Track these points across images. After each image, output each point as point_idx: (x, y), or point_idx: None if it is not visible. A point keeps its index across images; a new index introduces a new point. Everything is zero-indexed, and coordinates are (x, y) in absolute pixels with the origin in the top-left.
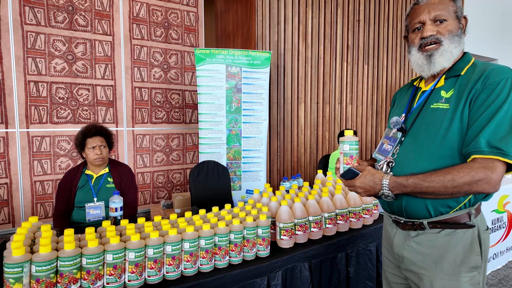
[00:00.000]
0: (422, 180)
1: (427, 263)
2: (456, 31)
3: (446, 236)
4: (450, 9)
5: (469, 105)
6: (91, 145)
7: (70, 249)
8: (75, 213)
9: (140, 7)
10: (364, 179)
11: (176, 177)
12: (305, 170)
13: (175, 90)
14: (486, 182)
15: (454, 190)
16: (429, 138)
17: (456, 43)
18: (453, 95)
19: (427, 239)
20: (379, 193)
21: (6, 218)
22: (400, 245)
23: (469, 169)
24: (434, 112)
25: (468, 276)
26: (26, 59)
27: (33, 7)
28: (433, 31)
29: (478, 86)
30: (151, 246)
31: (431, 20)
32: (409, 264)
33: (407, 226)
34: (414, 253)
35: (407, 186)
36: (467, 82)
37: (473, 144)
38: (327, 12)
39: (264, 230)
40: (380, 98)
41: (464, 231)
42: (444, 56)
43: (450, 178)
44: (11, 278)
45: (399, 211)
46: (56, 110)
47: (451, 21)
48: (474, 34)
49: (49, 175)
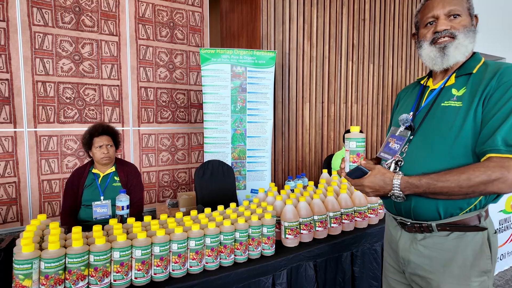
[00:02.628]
0: (436, 180)
1: (435, 267)
2: (470, 27)
3: (455, 239)
4: (464, 5)
5: (483, 104)
6: (98, 144)
7: (78, 246)
8: (82, 211)
9: (146, 8)
10: (373, 179)
11: (181, 177)
12: (310, 170)
13: (181, 90)
14: (503, 182)
15: (469, 190)
16: (441, 136)
17: (471, 38)
18: (465, 93)
19: (435, 242)
20: (388, 193)
21: (14, 216)
22: (406, 249)
23: (485, 168)
24: (445, 110)
25: (478, 281)
26: (34, 60)
27: (41, 8)
28: (447, 25)
29: (493, 84)
30: (157, 244)
31: (445, 15)
32: (415, 268)
33: (414, 228)
34: (421, 257)
35: (419, 187)
36: (480, 80)
37: (489, 143)
38: (332, 11)
39: (269, 229)
40: (386, 97)
41: (474, 233)
42: (459, 49)
43: (466, 177)
44: (21, 274)
45: (407, 213)
46: (63, 110)
47: (465, 17)
48: (482, 33)
49: (56, 174)
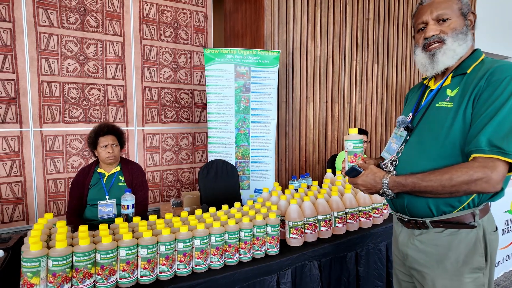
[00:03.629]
0: (421, 179)
1: (430, 262)
2: (460, 29)
3: (449, 236)
4: (453, 6)
5: (473, 103)
6: (103, 143)
7: (85, 244)
8: (88, 210)
9: (150, 8)
10: (366, 178)
11: (185, 176)
12: (314, 170)
13: (184, 90)
14: (486, 181)
15: (452, 190)
16: (432, 137)
17: (460, 41)
18: (457, 94)
19: (430, 238)
20: (380, 191)
21: (20, 215)
22: (404, 243)
23: (467, 168)
24: (438, 111)
25: (471, 277)
26: (40, 60)
27: (46, 8)
28: (435, 30)
29: (482, 84)
30: (162, 243)
31: (434, 20)
32: (412, 262)
33: (411, 224)
34: (418, 252)
35: (406, 186)
36: (472, 80)
37: (473, 143)
38: (336, 11)
39: (274, 228)
40: (390, 97)
41: (467, 231)
42: (447, 54)
43: (448, 177)
44: (29, 272)
45: (402, 209)
46: (68, 110)
47: (455, 19)
48: (486, 31)
49: (62, 174)
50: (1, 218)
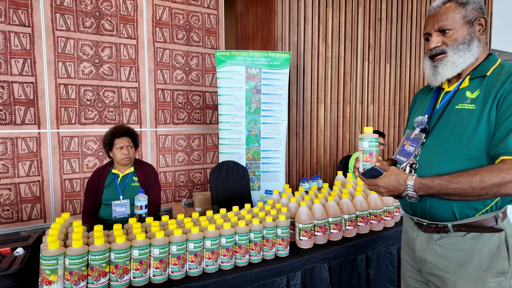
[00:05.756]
0: (449, 181)
1: (451, 267)
2: (462, 39)
3: (471, 240)
4: (456, 16)
5: (497, 106)
6: (119, 145)
7: (100, 244)
8: (102, 210)
9: (163, 11)
10: (388, 179)
11: (196, 177)
12: (325, 171)
13: (196, 92)
14: None
15: (482, 192)
16: (454, 139)
17: (461, 52)
18: (479, 96)
19: (451, 242)
20: (402, 194)
21: (38, 214)
22: (422, 248)
23: (498, 170)
24: (459, 113)
25: (495, 282)
26: (57, 63)
27: (64, 13)
28: (437, 42)
29: (507, 86)
30: (174, 243)
31: (436, 31)
32: (432, 267)
33: (430, 228)
34: (437, 257)
35: (432, 188)
36: (494, 82)
37: (501, 145)
38: (348, 12)
39: (284, 230)
40: (403, 98)
41: (490, 235)
42: (447, 67)
43: (479, 179)
44: (47, 269)
45: (422, 213)
46: (84, 112)
47: (458, 29)
48: (503, 31)
49: (77, 174)
50: (21, 217)
